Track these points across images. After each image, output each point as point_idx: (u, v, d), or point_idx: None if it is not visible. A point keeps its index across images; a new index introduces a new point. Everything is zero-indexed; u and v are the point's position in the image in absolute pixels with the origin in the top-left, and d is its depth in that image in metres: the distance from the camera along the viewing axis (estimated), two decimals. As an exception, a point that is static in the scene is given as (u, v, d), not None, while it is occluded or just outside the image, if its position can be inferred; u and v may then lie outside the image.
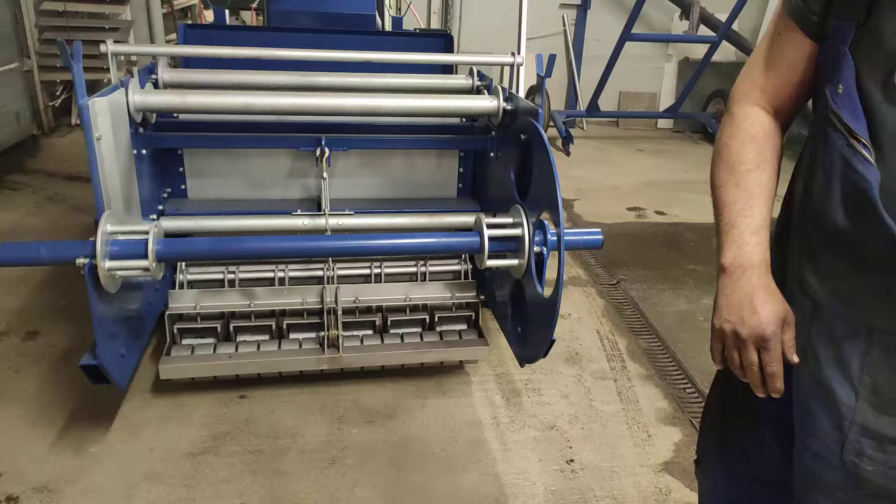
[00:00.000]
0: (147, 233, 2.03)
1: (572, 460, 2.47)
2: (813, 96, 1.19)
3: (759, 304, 1.14)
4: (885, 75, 0.95)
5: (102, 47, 2.50)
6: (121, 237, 2.03)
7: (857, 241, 1.03)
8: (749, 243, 1.16)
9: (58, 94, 6.60)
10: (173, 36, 7.79)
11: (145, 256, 2.00)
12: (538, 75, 2.42)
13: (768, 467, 1.43)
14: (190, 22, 9.10)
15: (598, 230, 2.34)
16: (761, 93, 1.24)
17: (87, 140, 2.00)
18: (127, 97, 2.31)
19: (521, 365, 2.42)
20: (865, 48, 0.98)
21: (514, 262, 2.28)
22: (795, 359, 1.16)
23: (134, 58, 6.15)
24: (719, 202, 1.23)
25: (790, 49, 1.18)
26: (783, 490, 1.36)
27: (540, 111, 2.24)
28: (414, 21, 6.20)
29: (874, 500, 1.13)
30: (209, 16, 8.87)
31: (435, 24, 7.70)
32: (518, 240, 2.26)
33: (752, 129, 1.23)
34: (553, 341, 2.18)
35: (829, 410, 1.13)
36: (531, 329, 2.30)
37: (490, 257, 2.27)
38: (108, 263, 1.94)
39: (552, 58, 2.38)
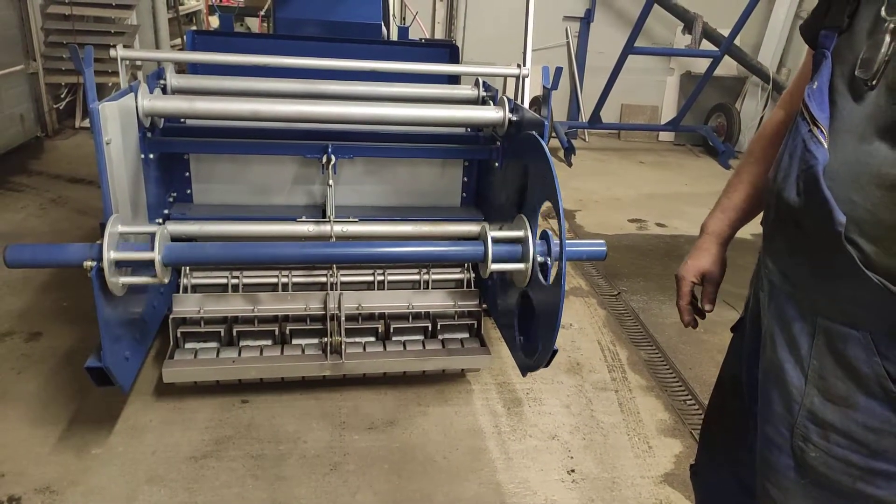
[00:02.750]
0: (154, 237, 2.05)
1: (573, 470, 2.48)
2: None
3: (690, 258, 1.52)
4: (851, 71, 1.06)
5: (112, 52, 2.52)
6: (128, 241, 2.04)
7: (804, 219, 1.11)
8: (715, 217, 1.50)
9: (62, 96, 6.62)
10: (178, 41, 7.85)
11: (152, 261, 2.02)
12: (544, 87, 2.44)
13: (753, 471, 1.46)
14: (195, 27, 9.16)
15: (602, 241, 2.36)
16: (789, 97, 1.45)
17: (96, 144, 2.02)
18: (136, 102, 2.33)
19: (524, 374, 2.43)
20: (841, 51, 1.10)
21: (518, 270, 2.30)
22: (708, 307, 1.50)
23: (139, 62, 6.19)
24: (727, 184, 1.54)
25: (806, 60, 1.34)
26: None
27: (546, 123, 2.26)
28: (419, 31, 6.24)
29: (817, 490, 1.16)
30: (214, 21, 8.93)
31: (439, 34, 7.74)
32: (522, 250, 2.27)
33: (767, 128, 1.47)
34: (555, 351, 2.19)
35: (782, 393, 1.19)
36: (533, 338, 2.31)
37: (493, 267, 2.28)
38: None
39: (559, 70, 2.40)
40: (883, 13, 1.01)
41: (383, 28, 3.96)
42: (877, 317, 1.04)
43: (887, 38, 1.00)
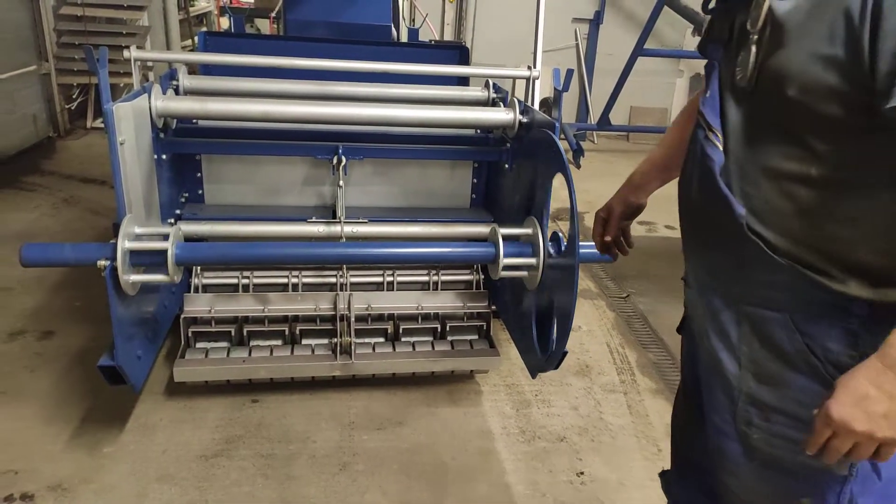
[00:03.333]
0: (167, 237, 2.07)
1: (582, 472, 2.48)
2: None
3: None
4: (733, 80, 1.17)
5: (126, 53, 2.55)
6: (141, 241, 2.06)
7: (711, 216, 1.22)
8: (635, 171, 1.66)
9: (74, 97, 6.67)
10: (188, 42, 7.89)
11: (165, 260, 2.04)
12: (555, 89, 2.45)
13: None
14: (205, 28, 9.21)
15: (612, 243, 2.36)
16: None
17: (110, 144, 2.04)
18: (150, 103, 2.35)
19: (533, 376, 2.44)
20: (725, 61, 1.22)
21: (529, 272, 2.31)
22: (607, 238, 1.66)
23: (150, 63, 6.22)
24: None
25: None
26: None
27: (557, 124, 2.26)
28: (429, 33, 6.25)
29: (767, 471, 1.22)
30: (224, 23, 8.98)
31: (448, 36, 7.75)
32: (532, 251, 2.28)
33: (690, 102, 1.54)
34: (565, 353, 2.20)
35: (722, 382, 1.26)
36: (543, 341, 2.31)
37: (504, 268, 2.29)
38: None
39: (569, 73, 2.41)
40: (748, 26, 1.12)
41: (393, 30, 3.97)
42: (791, 297, 1.13)
43: (753, 49, 1.11)
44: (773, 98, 1.08)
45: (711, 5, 1.27)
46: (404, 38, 4.49)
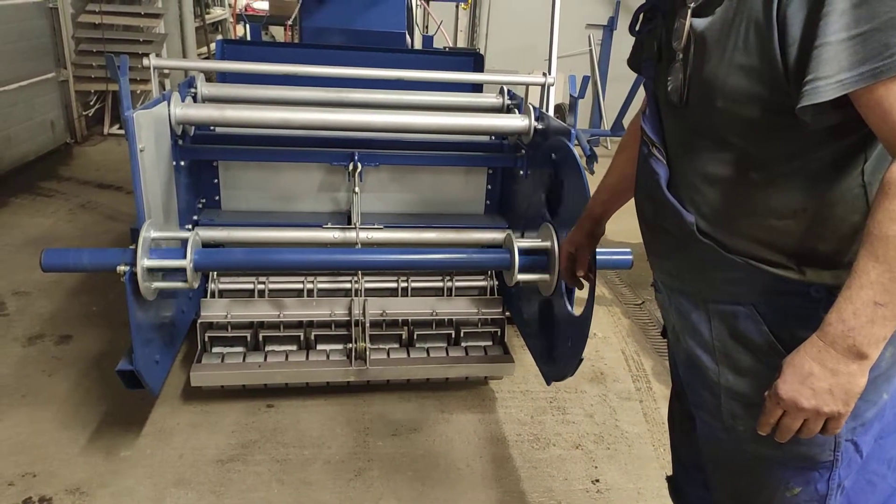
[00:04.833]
0: (186, 243, 2.08)
1: (597, 480, 2.46)
2: None
3: (569, 233, 1.77)
4: (666, 95, 1.23)
5: (145, 61, 2.58)
6: (160, 247, 2.08)
7: (666, 225, 1.26)
8: (592, 197, 1.70)
9: (91, 103, 6.74)
10: (204, 49, 7.96)
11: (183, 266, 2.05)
12: (571, 96, 2.45)
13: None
14: (221, 36, 9.29)
15: (629, 250, 2.36)
16: None
17: (130, 151, 2.06)
18: (169, 110, 2.37)
19: (548, 383, 2.43)
20: (659, 78, 1.26)
21: (544, 279, 2.31)
22: (579, 272, 1.75)
23: (166, 70, 6.29)
24: None
25: None
26: None
27: (573, 131, 2.26)
28: (443, 40, 6.27)
29: (756, 463, 1.23)
30: (240, 30, 9.05)
31: (461, 42, 7.77)
32: (548, 258, 2.28)
33: (632, 122, 1.56)
34: (580, 360, 2.19)
35: (703, 379, 1.28)
36: (559, 347, 2.31)
37: (519, 275, 2.29)
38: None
39: (586, 79, 2.42)
40: (674, 45, 1.18)
41: (407, 37, 3.99)
42: (752, 290, 1.16)
43: (681, 65, 1.17)
44: (703, 109, 1.14)
45: (638, 28, 1.33)
46: (419, 46, 4.50)
